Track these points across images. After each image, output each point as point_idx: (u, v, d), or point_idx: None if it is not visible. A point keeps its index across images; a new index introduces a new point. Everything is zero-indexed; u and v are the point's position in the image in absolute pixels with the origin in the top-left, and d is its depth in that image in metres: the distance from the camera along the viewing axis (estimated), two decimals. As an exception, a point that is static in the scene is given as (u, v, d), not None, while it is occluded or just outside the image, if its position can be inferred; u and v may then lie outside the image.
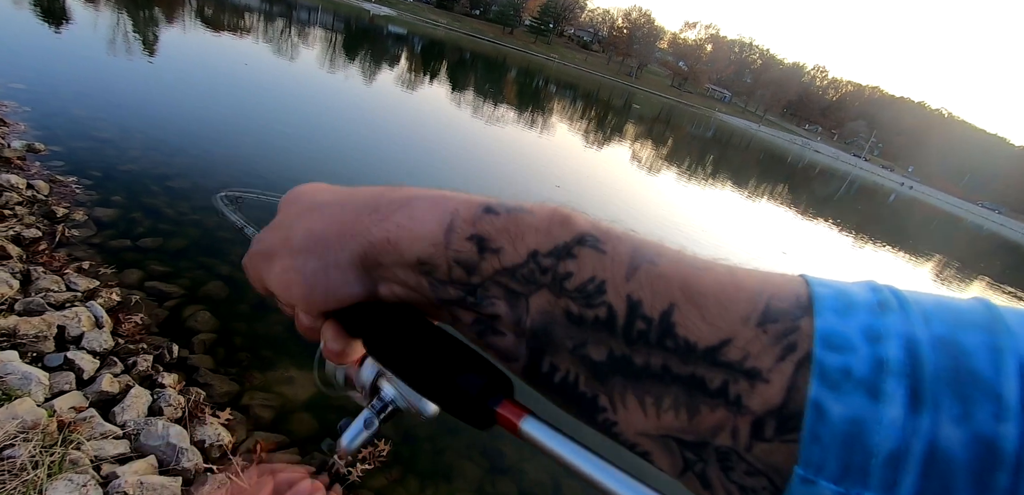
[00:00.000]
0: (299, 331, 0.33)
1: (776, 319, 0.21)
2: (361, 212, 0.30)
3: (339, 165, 6.20)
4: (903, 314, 0.20)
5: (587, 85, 50.16)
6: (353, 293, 0.30)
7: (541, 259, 0.26)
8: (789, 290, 0.22)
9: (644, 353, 0.23)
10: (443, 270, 0.28)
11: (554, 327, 0.25)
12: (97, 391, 2.07)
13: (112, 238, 3.33)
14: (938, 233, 28.28)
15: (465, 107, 14.65)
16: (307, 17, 28.31)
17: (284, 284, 0.32)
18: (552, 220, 0.27)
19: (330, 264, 0.30)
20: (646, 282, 0.24)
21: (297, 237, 0.31)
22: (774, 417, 0.20)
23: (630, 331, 0.24)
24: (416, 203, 0.29)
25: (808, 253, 10.54)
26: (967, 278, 15.04)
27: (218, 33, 13.97)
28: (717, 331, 0.22)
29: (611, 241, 0.25)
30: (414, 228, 0.28)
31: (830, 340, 0.20)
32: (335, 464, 2.14)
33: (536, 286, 0.26)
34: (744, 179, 20.00)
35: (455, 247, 0.27)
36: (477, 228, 0.27)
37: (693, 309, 0.23)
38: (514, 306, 0.27)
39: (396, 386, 0.37)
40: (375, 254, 0.29)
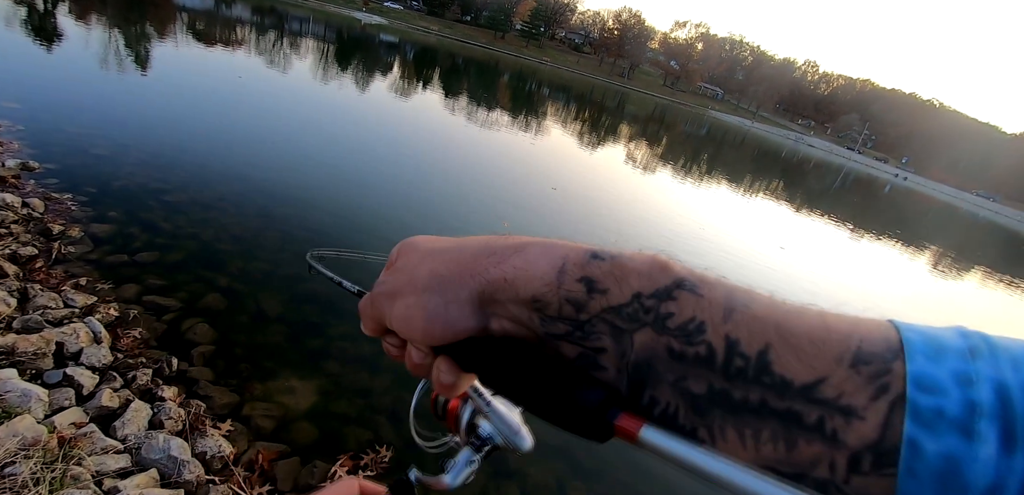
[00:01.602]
0: (408, 368, 0.36)
1: (869, 361, 0.23)
2: (479, 256, 0.34)
3: (333, 168, 6.20)
4: (993, 360, 0.22)
5: (580, 87, 50.31)
6: (468, 327, 0.33)
7: (644, 300, 0.29)
8: (879, 334, 0.24)
9: (742, 388, 0.25)
10: (554, 307, 0.31)
11: (656, 361, 0.28)
12: (97, 406, 2.06)
13: (109, 253, 3.33)
14: (934, 223, 28.41)
15: (460, 113, 14.67)
16: (299, 28, 28.36)
17: (406, 319, 0.35)
18: (653, 266, 0.29)
19: (450, 300, 0.33)
20: (743, 323, 0.26)
21: (421, 277, 0.35)
22: (871, 452, 0.22)
23: (729, 367, 0.26)
24: (531, 248, 0.32)
25: (806, 247, 10.57)
26: (964, 267, 15.09)
27: (211, 47, 13.98)
28: (812, 370, 0.24)
29: (707, 286, 0.28)
30: (529, 270, 0.31)
31: (922, 382, 0.22)
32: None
33: (640, 324, 0.28)
34: (739, 175, 20.08)
35: (566, 287, 0.30)
36: (586, 271, 0.30)
37: (788, 349, 0.24)
38: (619, 341, 0.29)
39: (494, 422, 0.38)
40: (492, 292, 0.32)
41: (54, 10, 12.90)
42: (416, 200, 6.15)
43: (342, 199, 5.51)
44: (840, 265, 9.98)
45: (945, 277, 12.78)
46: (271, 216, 4.57)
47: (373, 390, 2.85)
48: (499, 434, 0.38)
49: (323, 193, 5.53)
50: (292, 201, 5.05)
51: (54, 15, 12.33)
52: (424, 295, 0.34)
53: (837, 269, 9.40)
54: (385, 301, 0.36)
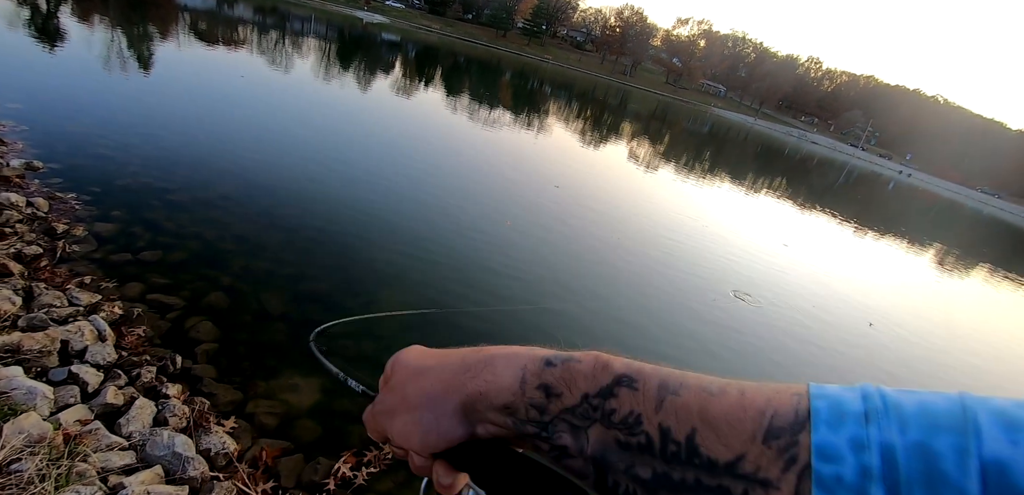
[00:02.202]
0: (413, 470, 0.41)
1: (778, 435, 0.26)
2: (457, 372, 0.39)
3: (334, 165, 6.21)
4: (885, 422, 0.25)
5: (582, 85, 50.21)
6: (458, 434, 0.38)
7: (592, 399, 0.33)
8: (790, 406, 0.27)
9: (680, 470, 0.29)
10: (522, 412, 0.36)
11: (608, 453, 0.32)
12: (102, 404, 2.08)
13: (113, 252, 3.34)
14: (938, 219, 28.27)
15: (462, 112, 14.67)
16: (301, 27, 28.37)
17: (405, 435, 0.40)
18: (595, 366, 0.34)
19: (440, 414, 0.38)
20: (671, 411, 0.30)
21: (412, 397, 0.40)
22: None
23: (665, 452, 0.30)
24: (497, 361, 0.37)
25: (809, 245, 10.54)
26: (968, 264, 15.02)
27: (213, 47, 14.00)
28: (731, 449, 0.27)
29: (643, 378, 0.32)
30: (498, 381, 0.36)
31: (824, 451, 0.25)
32: None
33: (591, 421, 0.33)
34: (742, 173, 20.01)
35: (528, 395, 0.35)
36: (542, 379, 0.35)
37: (710, 431, 0.28)
38: (577, 438, 0.34)
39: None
40: (472, 403, 0.37)
41: (57, 11, 12.95)
42: (419, 200, 6.16)
43: (345, 197, 5.52)
44: (843, 262, 9.95)
45: (948, 274, 12.72)
46: (273, 215, 4.59)
47: (378, 388, 2.85)
48: None
49: (325, 192, 5.55)
50: (294, 200, 5.06)
51: (57, 16, 12.38)
52: (416, 412, 0.39)
53: (839, 266, 9.36)
54: (385, 419, 0.42)
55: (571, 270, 5.38)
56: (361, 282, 3.94)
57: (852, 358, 5.28)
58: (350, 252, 4.39)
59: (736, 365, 4.33)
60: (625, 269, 5.83)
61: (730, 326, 5.01)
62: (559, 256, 5.61)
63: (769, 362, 4.57)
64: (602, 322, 4.46)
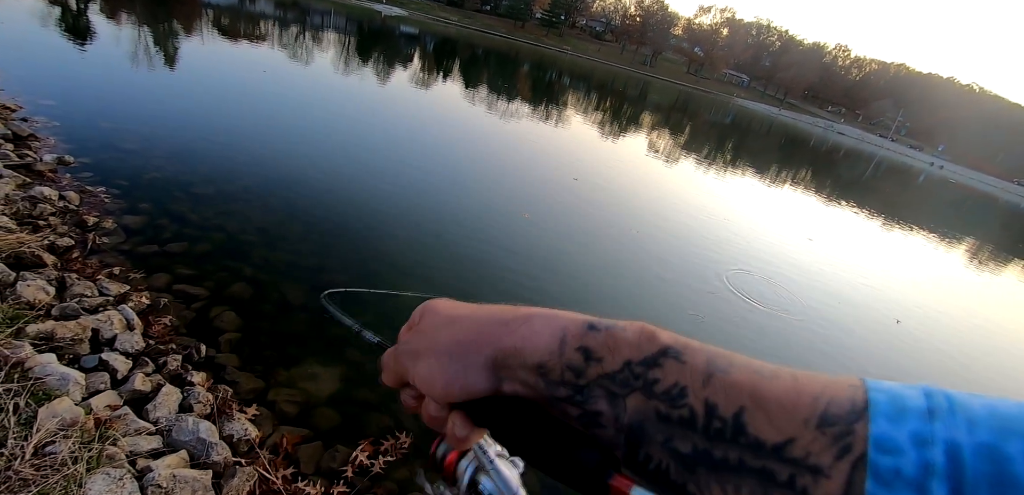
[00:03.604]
0: (424, 420, 0.41)
1: (834, 423, 0.25)
2: (493, 325, 0.38)
3: (355, 158, 6.28)
4: (950, 420, 0.24)
5: (601, 76, 49.66)
6: (483, 388, 0.37)
7: (634, 367, 0.32)
8: (846, 396, 0.26)
9: (722, 447, 0.28)
10: (557, 373, 0.34)
11: (646, 424, 0.31)
12: (130, 390, 2.15)
13: (140, 244, 3.45)
14: (971, 214, 27.23)
15: (480, 104, 14.66)
16: (321, 21, 28.69)
17: (428, 379, 0.39)
18: (641, 336, 0.33)
19: (468, 365, 0.37)
20: (720, 388, 0.29)
21: (442, 342, 0.39)
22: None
23: (709, 428, 0.29)
24: (536, 319, 0.36)
25: (835, 239, 10.26)
26: (1002, 261, 14.45)
27: (235, 42, 14.26)
28: (781, 432, 0.26)
29: (690, 352, 0.31)
30: (535, 339, 0.35)
31: (882, 443, 0.24)
32: None
33: (631, 389, 0.32)
34: (766, 165, 19.57)
35: (567, 356, 0.34)
36: (583, 341, 0.34)
37: (760, 412, 0.27)
38: (613, 404, 0.33)
39: (495, 481, 0.41)
40: (503, 358, 0.36)
41: (86, 9, 13.35)
42: (438, 192, 6.19)
43: (364, 190, 5.58)
44: (870, 257, 9.66)
45: (980, 271, 12.26)
46: (295, 207, 4.66)
47: (393, 378, 2.89)
48: (498, 492, 0.40)
49: (345, 184, 5.62)
50: (315, 192, 5.14)
51: (86, 14, 12.76)
52: (445, 358, 0.38)
53: (866, 261, 9.10)
54: (408, 359, 0.41)
55: (588, 263, 5.35)
56: (381, 275, 3.98)
57: (878, 354, 5.14)
58: (370, 243, 4.45)
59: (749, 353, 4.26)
60: (643, 263, 5.77)
61: (751, 319, 4.91)
62: (577, 249, 5.58)
63: (792, 357, 4.47)
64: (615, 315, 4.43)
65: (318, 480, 2.12)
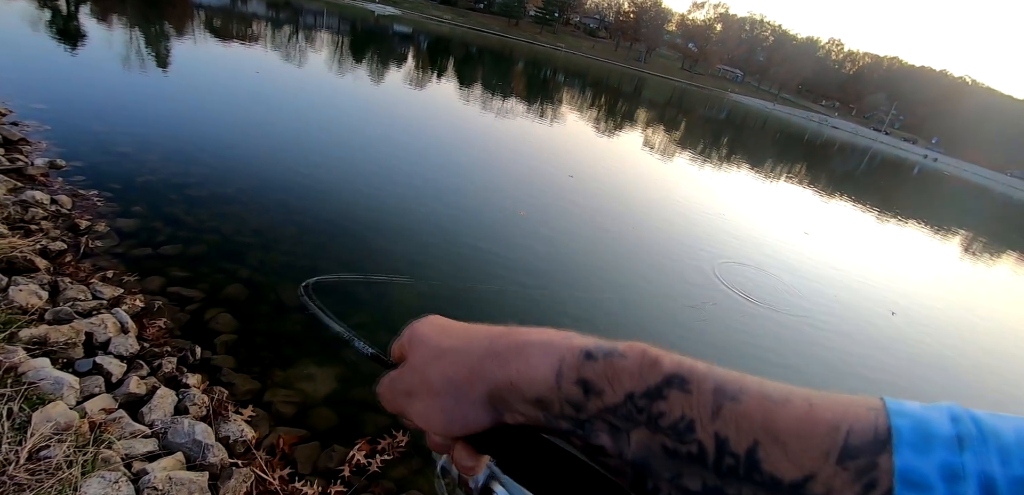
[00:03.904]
0: (430, 447, 0.40)
1: (856, 455, 0.23)
2: (484, 358, 0.36)
3: (349, 159, 6.26)
4: (982, 450, 0.22)
5: (596, 73, 49.68)
6: (483, 423, 0.36)
7: (637, 400, 0.30)
8: (867, 422, 0.24)
9: (735, 485, 0.26)
10: (556, 408, 0.33)
11: (652, 459, 0.29)
12: (125, 393, 2.14)
13: (134, 247, 3.43)
14: (965, 205, 27.40)
15: (475, 102, 14.64)
16: (314, 21, 28.56)
17: (425, 418, 0.38)
18: (642, 363, 0.31)
19: (463, 402, 0.36)
20: (731, 420, 0.27)
21: (434, 381, 0.37)
22: None
23: (720, 466, 0.27)
24: (529, 349, 0.34)
25: (830, 233, 10.31)
26: (996, 252, 14.55)
27: (228, 43, 14.18)
28: (800, 468, 0.24)
29: (696, 380, 0.29)
30: (531, 373, 0.33)
31: (909, 477, 0.22)
32: None
33: (634, 423, 0.30)
34: (761, 159, 19.62)
35: (565, 390, 0.32)
36: (581, 373, 0.32)
37: (776, 446, 0.25)
38: (617, 439, 0.31)
39: (507, 489, 0.41)
40: (500, 393, 0.35)
41: (77, 12, 13.24)
42: (434, 190, 6.18)
43: (359, 190, 5.57)
44: (864, 250, 9.72)
45: (974, 263, 12.35)
46: (290, 208, 4.65)
47: (390, 377, 2.89)
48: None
49: (340, 184, 5.60)
50: (310, 193, 5.12)
51: (77, 17, 12.66)
52: (438, 398, 0.37)
53: (861, 254, 9.15)
54: (403, 399, 0.40)
55: (583, 260, 5.36)
56: (376, 274, 3.97)
57: (872, 347, 5.18)
58: (366, 243, 4.44)
59: (751, 354, 4.28)
60: (638, 258, 5.79)
61: (749, 313, 4.94)
62: (572, 245, 5.58)
63: (788, 351, 4.49)
64: (612, 309, 4.44)
65: (315, 480, 2.11)
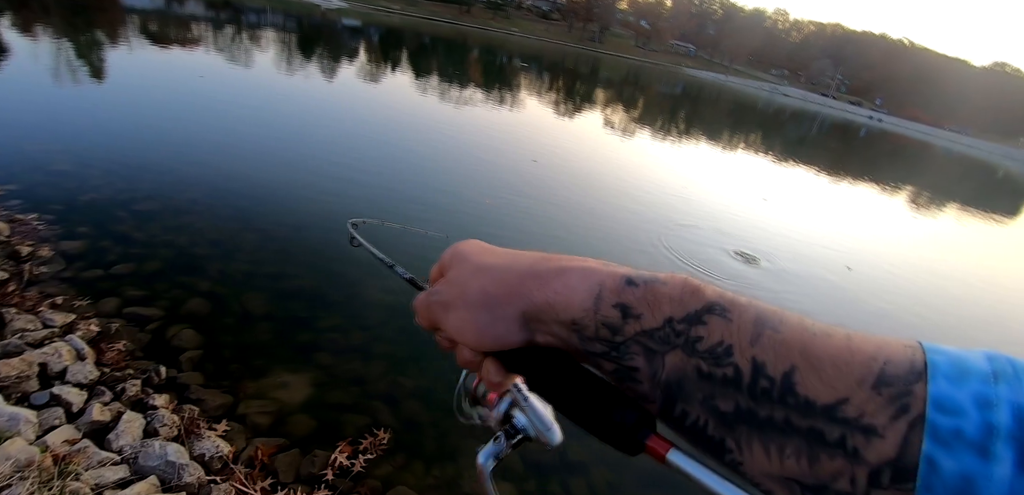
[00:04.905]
0: (459, 363, 0.41)
1: (891, 383, 0.24)
2: (524, 277, 0.36)
3: (304, 160, 6.08)
4: (1016, 384, 0.22)
5: (552, 55, 49.74)
6: (515, 340, 0.37)
7: (676, 324, 0.30)
8: (904, 356, 0.25)
9: (767, 407, 0.27)
10: (591, 330, 0.33)
11: (686, 381, 0.30)
12: (88, 422, 2.05)
13: (83, 270, 3.25)
14: (909, 162, 29.07)
15: (433, 93, 14.44)
16: (257, 20, 27.33)
17: (460, 330, 0.39)
18: (684, 290, 0.31)
19: (499, 317, 0.37)
20: (769, 347, 0.27)
21: (472, 294, 0.38)
22: (890, 468, 0.23)
23: (754, 388, 0.27)
24: (570, 274, 0.35)
25: (788, 197, 10.75)
26: (939, 204, 15.56)
27: (166, 48, 13.45)
28: (834, 391, 0.25)
29: (737, 310, 0.29)
30: (569, 296, 0.34)
31: (942, 404, 0.23)
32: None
33: (671, 346, 0.30)
34: (718, 131, 20.23)
35: (602, 313, 0.33)
36: (621, 298, 0.33)
37: (812, 372, 0.26)
38: (651, 361, 0.31)
39: (529, 417, 0.41)
40: (536, 313, 0.35)
41: (-4, 24, 12.25)
42: (395, 185, 6.09)
43: (319, 189, 5.42)
44: (820, 210, 10.21)
45: (921, 215, 13.19)
46: (247, 215, 4.50)
47: (367, 377, 2.87)
48: (532, 427, 0.41)
49: (298, 186, 5.45)
50: (267, 198, 4.96)
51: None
52: (475, 310, 0.37)
53: (817, 214, 9.62)
54: (439, 310, 0.40)
55: (553, 244, 5.42)
56: (343, 275, 3.90)
57: (833, 299, 5.47)
58: (331, 245, 4.35)
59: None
60: (611, 236, 5.90)
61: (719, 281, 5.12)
62: (540, 230, 5.63)
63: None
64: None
65: (298, 487, 2.09)
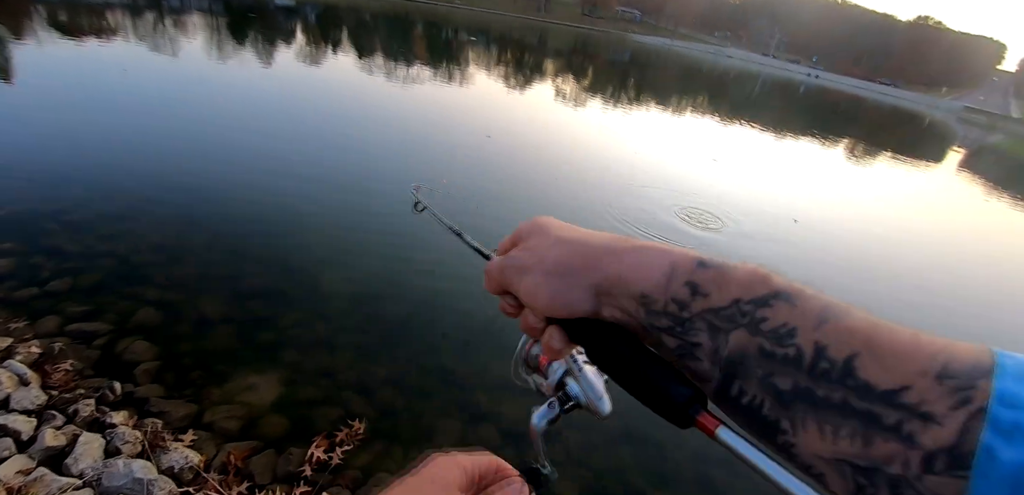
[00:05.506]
0: (522, 328, 0.42)
1: (954, 376, 0.24)
2: (600, 252, 0.39)
3: (246, 153, 5.80)
4: None
5: (498, 27, 48.98)
6: (584, 309, 0.38)
7: (743, 305, 0.32)
8: (970, 355, 0.25)
9: (825, 387, 0.27)
10: (660, 304, 0.35)
11: (748, 358, 0.31)
12: (42, 449, 1.94)
13: (15, 290, 3.01)
14: (845, 115, 30.79)
15: (378, 73, 13.98)
16: (180, 4, 25.34)
17: (533, 293, 0.40)
18: (753, 276, 0.33)
19: (572, 285, 0.38)
20: (833, 333, 0.28)
21: (550, 261, 0.40)
22: (946, 454, 0.24)
23: (815, 368, 0.28)
24: (644, 251, 0.37)
25: (737, 156, 11.19)
26: (873, 153, 16.70)
27: (82, 40, 12.32)
28: (896, 379, 0.25)
29: (803, 298, 0.31)
30: (642, 270, 0.36)
31: (1006, 399, 0.23)
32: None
33: (735, 325, 0.32)
34: (666, 96, 20.72)
35: (673, 289, 0.35)
36: (692, 276, 0.34)
37: (874, 358, 0.26)
38: (714, 338, 0.33)
39: (582, 385, 0.43)
40: (608, 285, 0.37)
41: None
42: (348, 172, 5.93)
43: (264, 181, 5.18)
44: (766, 167, 10.73)
45: (858, 165, 14.14)
46: (191, 215, 4.27)
47: (336, 369, 2.84)
48: (584, 395, 0.43)
49: (242, 179, 5.19)
50: (210, 194, 4.71)
51: None
52: (551, 276, 0.39)
53: (764, 172, 10.11)
54: (515, 273, 0.42)
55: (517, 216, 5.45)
56: (301, 269, 3.79)
57: (781, 252, 5.81)
58: (283, 237, 4.21)
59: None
60: (570, 205, 5.99)
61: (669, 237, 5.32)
62: (502, 204, 5.65)
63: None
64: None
65: (277, 487, 2.07)
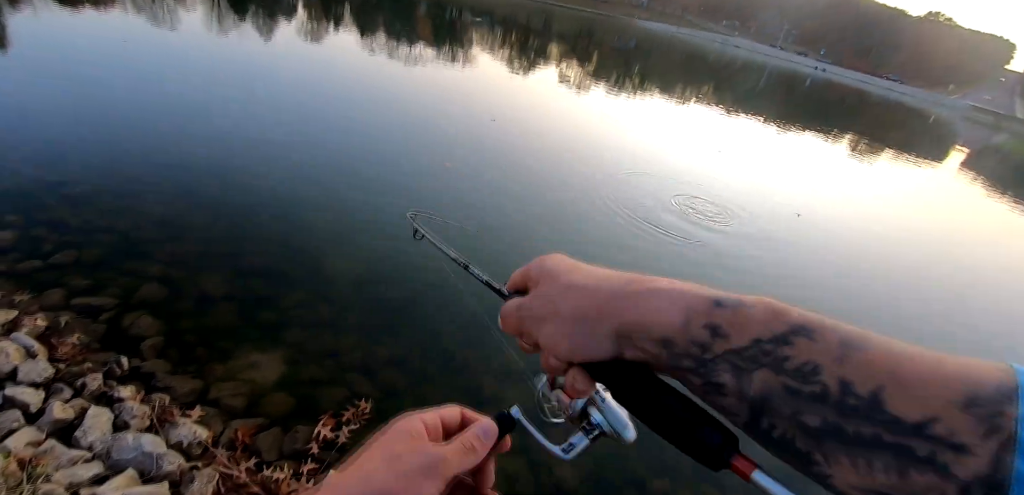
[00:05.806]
0: (544, 368, 0.43)
1: (981, 404, 0.25)
2: (616, 297, 0.39)
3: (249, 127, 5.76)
4: None
5: (503, 9, 48.31)
6: (604, 354, 0.39)
7: (764, 344, 0.32)
8: (994, 378, 0.25)
9: (855, 423, 0.28)
10: (681, 347, 0.35)
11: (774, 397, 0.31)
12: (50, 421, 1.96)
13: (18, 262, 3.01)
14: (850, 110, 30.69)
15: (381, 52, 13.83)
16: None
17: (553, 343, 0.41)
18: (769, 313, 0.33)
19: (591, 333, 0.39)
20: (856, 366, 0.28)
21: (566, 310, 0.41)
22: (982, 484, 0.24)
23: (843, 405, 0.28)
24: (659, 295, 0.37)
25: (741, 148, 11.15)
26: (875, 150, 16.64)
27: (78, 10, 12.12)
28: (924, 410, 0.26)
29: (822, 331, 0.31)
30: (660, 315, 0.36)
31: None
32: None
33: (758, 365, 0.32)
34: (672, 85, 20.56)
35: (692, 332, 0.35)
36: (710, 318, 0.34)
37: (900, 390, 0.27)
38: (738, 379, 0.33)
39: (606, 416, 0.44)
40: (627, 330, 0.38)
41: None
42: (352, 150, 5.89)
43: (267, 158, 5.15)
44: (771, 160, 10.70)
45: (862, 160, 14.10)
46: (193, 191, 4.25)
47: (341, 349, 2.86)
48: (607, 424, 0.44)
49: (245, 155, 5.16)
50: (212, 170, 4.67)
51: None
52: (569, 325, 0.40)
53: (768, 164, 10.08)
54: (532, 323, 0.43)
55: (514, 204, 5.45)
56: (302, 249, 3.79)
57: (784, 244, 5.82)
58: (285, 217, 4.19)
59: (677, 261, 4.66)
60: (569, 193, 5.97)
61: (675, 230, 5.33)
62: (503, 194, 5.64)
63: (718, 259, 4.94)
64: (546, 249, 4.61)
65: (284, 463, 2.09)
